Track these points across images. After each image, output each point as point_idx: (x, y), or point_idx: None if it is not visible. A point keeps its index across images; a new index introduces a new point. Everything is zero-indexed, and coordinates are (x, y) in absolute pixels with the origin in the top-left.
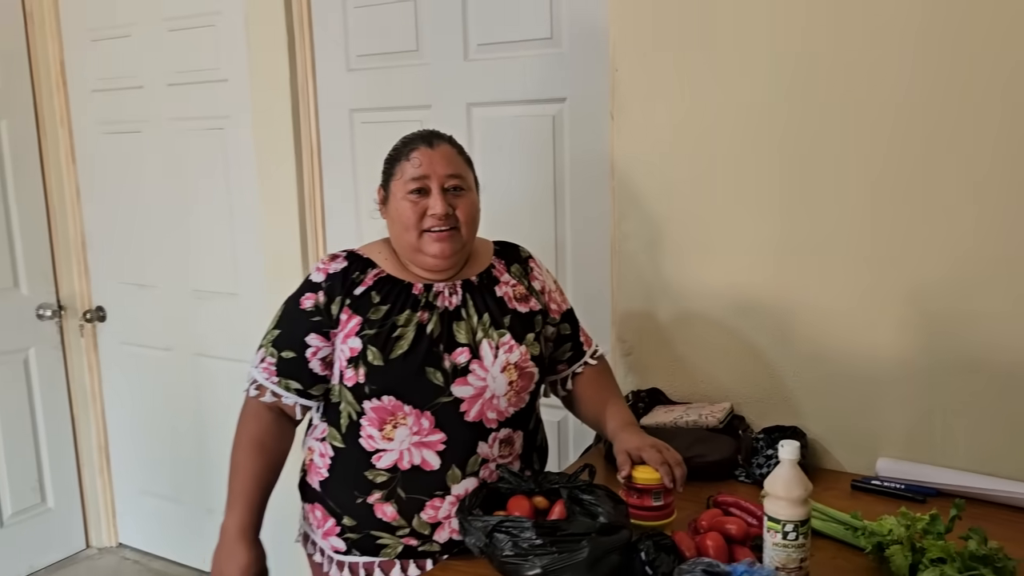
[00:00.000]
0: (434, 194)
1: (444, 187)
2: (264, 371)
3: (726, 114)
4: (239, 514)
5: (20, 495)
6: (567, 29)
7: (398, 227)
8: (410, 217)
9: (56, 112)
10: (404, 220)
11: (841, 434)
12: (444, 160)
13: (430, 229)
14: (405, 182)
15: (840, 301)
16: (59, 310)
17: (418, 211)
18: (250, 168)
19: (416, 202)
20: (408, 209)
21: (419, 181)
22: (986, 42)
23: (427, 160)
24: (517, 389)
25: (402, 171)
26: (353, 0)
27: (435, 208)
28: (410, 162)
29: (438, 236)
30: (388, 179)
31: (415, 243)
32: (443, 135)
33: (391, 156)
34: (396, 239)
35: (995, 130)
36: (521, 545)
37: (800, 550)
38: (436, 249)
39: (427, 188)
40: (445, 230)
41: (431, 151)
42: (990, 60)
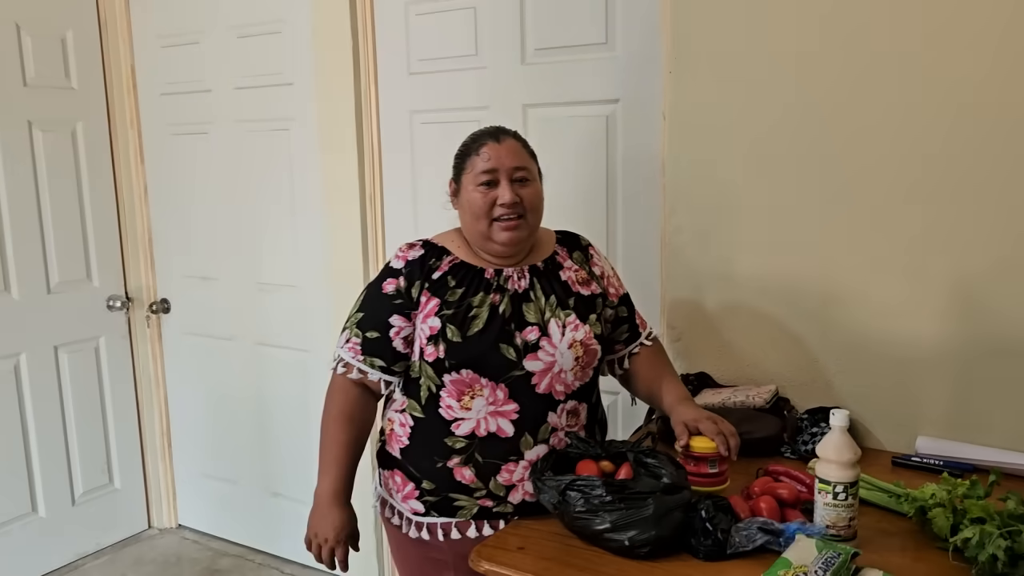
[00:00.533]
0: (502, 184)
1: (511, 178)
2: (350, 350)
3: (775, 112)
4: (332, 480)
5: (90, 475)
6: (621, 33)
7: (469, 216)
8: (481, 206)
9: (127, 114)
10: (475, 210)
11: (882, 414)
12: (510, 153)
13: (499, 217)
14: (476, 175)
15: (883, 289)
16: (127, 301)
17: (488, 201)
18: (313, 167)
19: (486, 193)
20: (479, 199)
21: (488, 174)
22: None
23: (495, 154)
24: (583, 364)
25: (472, 165)
26: (415, 7)
27: (503, 197)
28: (479, 156)
29: (506, 224)
30: (459, 173)
31: (485, 231)
32: (509, 130)
33: (461, 152)
34: (467, 228)
35: None
36: (592, 502)
37: (849, 510)
38: (504, 237)
39: (496, 180)
40: (513, 218)
41: (498, 145)
42: None
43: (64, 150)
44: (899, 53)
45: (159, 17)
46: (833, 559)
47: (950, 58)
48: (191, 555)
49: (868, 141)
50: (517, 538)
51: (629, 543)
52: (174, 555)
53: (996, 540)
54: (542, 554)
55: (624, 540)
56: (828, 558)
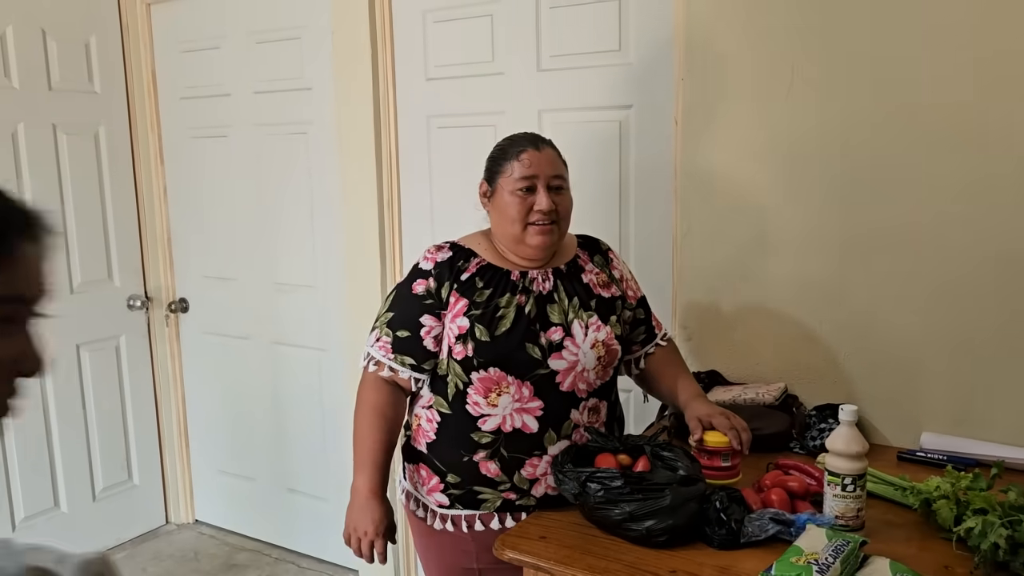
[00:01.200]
0: (540, 192)
1: (549, 186)
2: (381, 349)
3: (785, 118)
4: (368, 475)
5: (110, 471)
6: (634, 41)
7: (504, 219)
8: (518, 211)
9: (148, 118)
10: (511, 214)
11: (888, 411)
12: (549, 162)
13: (535, 223)
14: (515, 179)
15: (889, 289)
16: (147, 301)
17: (526, 206)
18: (331, 170)
19: (524, 198)
20: (517, 204)
21: (528, 180)
22: None
23: (536, 161)
24: (604, 363)
25: (511, 169)
26: (433, 15)
27: (541, 204)
28: (519, 162)
29: (541, 229)
30: (494, 175)
31: (519, 235)
32: (546, 139)
33: (498, 155)
34: (500, 230)
35: None
36: (611, 493)
37: (857, 501)
38: (538, 241)
39: (534, 186)
40: (547, 224)
41: (538, 153)
42: None
43: (87, 152)
44: (899, 58)
45: (180, 23)
46: (843, 547)
47: (956, 62)
48: (209, 550)
49: (877, 142)
50: (539, 528)
51: (647, 532)
52: (192, 550)
53: (998, 529)
54: (563, 543)
55: (642, 529)
56: (838, 546)
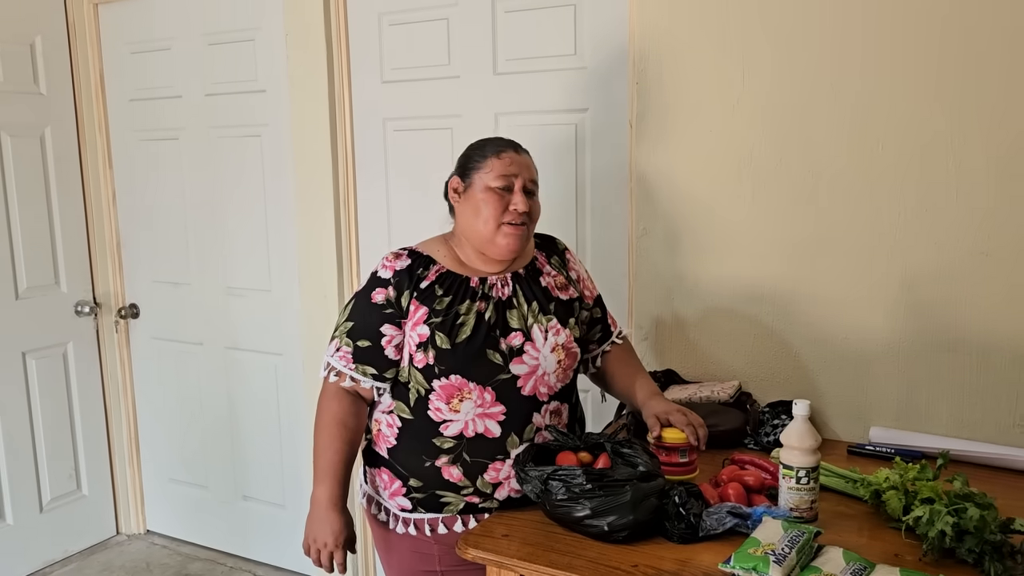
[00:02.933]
0: (518, 192)
1: (525, 188)
2: (341, 359)
3: (737, 123)
4: (328, 486)
5: (58, 482)
6: (589, 45)
7: (476, 217)
8: (493, 208)
9: (95, 120)
10: (486, 211)
11: (837, 407)
12: (528, 165)
13: (509, 222)
14: (495, 176)
15: (837, 289)
16: (95, 307)
17: (502, 204)
18: (286, 172)
19: (501, 196)
20: (494, 201)
21: (507, 179)
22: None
23: (517, 162)
24: (564, 367)
25: (491, 166)
26: (388, 18)
27: (518, 204)
28: (500, 160)
29: (513, 230)
30: (469, 171)
31: (491, 233)
32: (522, 145)
33: (476, 152)
34: (469, 228)
35: (983, 135)
36: (573, 490)
37: (811, 493)
38: (507, 242)
39: (511, 185)
40: (518, 225)
41: (518, 156)
42: (994, 66)
43: (32, 155)
44: (851, 62)
45: (129, 23)
46: (798, 537)
47: (898, 56)
48: (161, 560)
49: (825, 147)
50: (502, 526)
51: (608, 528)
52: (143, 561)
53: (944, 517)
54: (526, 540)
55: (603, 525)
56: (793, 536)
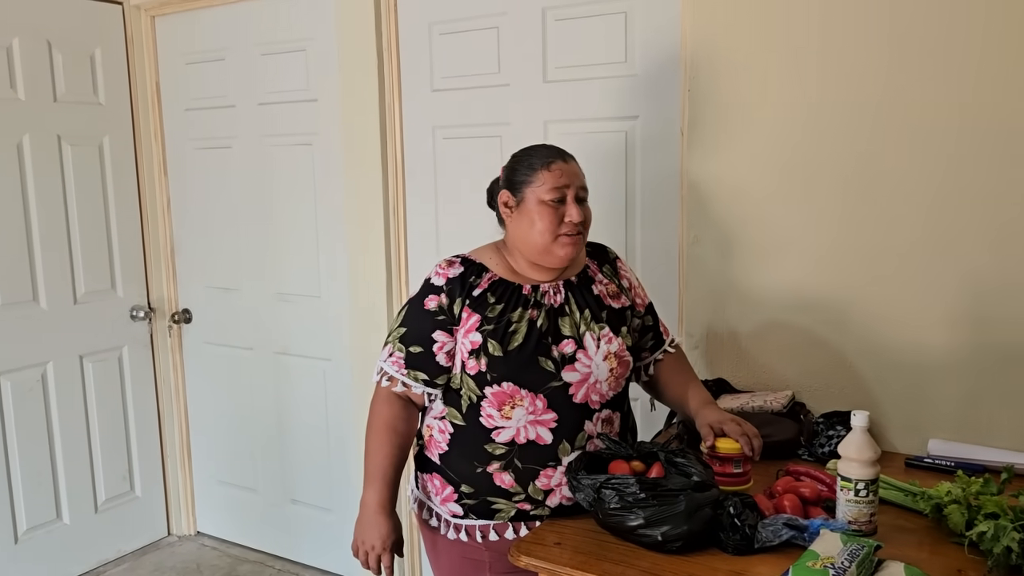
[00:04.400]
0: (571, 203)
1: (577, 197)
2: (394, 364)
3: (791, 128)
4: (378, 490)
5: (112, 483)
6: (640, 52)
7: (532, 230)
8: (549, 221)
9: (152, 129)
10: (539, 222)
11: (895, 418)
12: (577, 173)
13: (565, 233)
14: (547, 189)
15: (895, 298)
16: (150, 312)
17: (557, 216)
18: (336, 180)
19: (555, 208)
20: (549, 214)
21: (559, 191)
22: None
23: (567, 172)
24: (616, 375)
25: (543, 179)
26: (439, 27)
27: (573, 215)
28: (551, 172)
29: (571, 240)
30: (520, 185)
31: (548, 245)
32: (568, 152)
33: (523, 165)
34: (522, 238)
35: None
36: (626, 499)
37: (870, 506)
38: (566, 252)
39: (564, 196)
40: (575, 235)
41: (566, 165)
42: None
43: (91, 164)
44: (910, 67)
45: (184, 35)
46: (857, 551)
47: (958, 62)
48: (210, 562)
49: (884, 155)
50: (554, 534)
51: (662, 538)
52: (194, 562)
53: (1010, 533)
54: (579, 549)
55: (657, 535)
56: (853, 550)
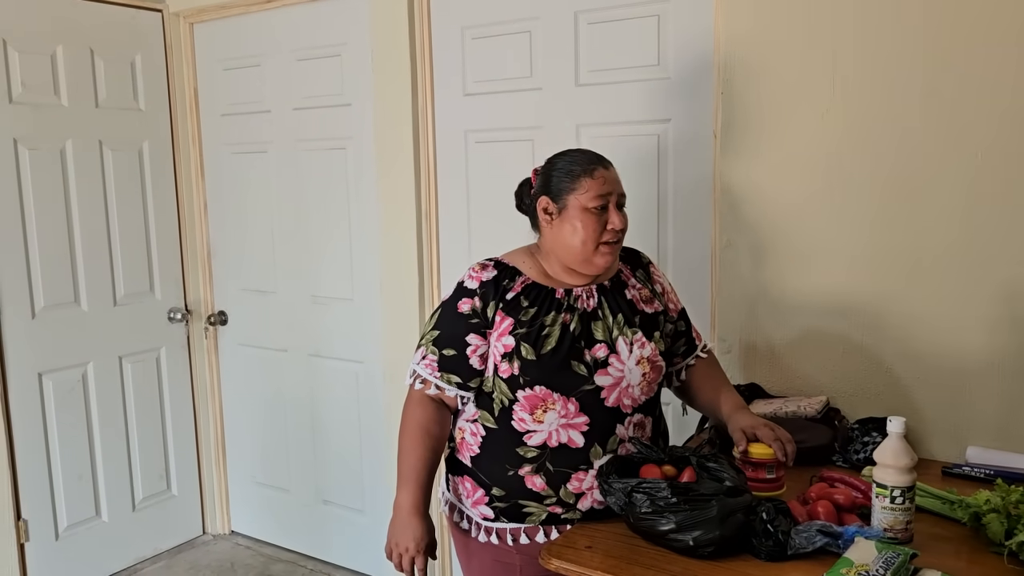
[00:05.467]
0: (613, 211)
1: (618, 203)
2: (427, 367)
3: (827, 132)
4: (411, 492)
5: (150, 481)
6: (673, 55)
7: (573, 237)
8: (592, 229)
9: (190, 134)
10: (581, 229)
11: (932, 425)
12: (617, 180)
13: (607, 242)
14: (591, 196)
15: (932, 303)
16: (186, 314)
17: (600, 223)
18: (370, 184)
19: (599, 216)
20: (592, 222)
21: (603, 198)
22: None
23: (609, 179)
24: (649, 380)
25: (587, 187)
26: (471, 31)
27: (616, 223)
28: (595, 180)
29: (610, 249)
30: (561, 192)
31: (590, 254)
32: (607, 158)
33: (565, 171)
34: (563, 246)
35: None
36: (658, 503)
37: (906, 513)
38: (606, 260)
39: (607, 204)
40: (614, 243)
41: (607, 172)
42: None
43: (131, 168)
44: (946, 69)
45: (222, 41)
46: (893, 559)
47: (996, 65)
48: (244, 561)
49: (920, 158)
50: (585, 538)
51: (694, 543)
52: (228, 561)
53: None
54: (610, 552)
55: (689, 540)
56: (888, 558)
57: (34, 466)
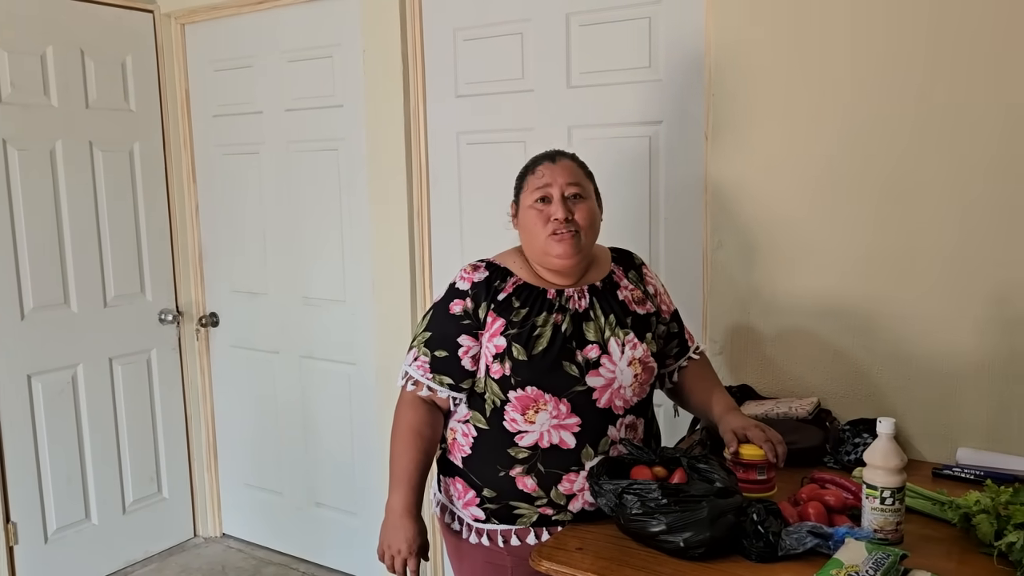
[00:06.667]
0: (555, 201)
1: (564, 194)
2: (419, 368)
3: (818, 133)
4: (403, 494)
5: (140, 484)
6: (664, 57)
7: (528, 234)
8: (536, 223)
9: (181, 135)
10: (531, 227)
11: (922, 426)
12: (564, 172)
13: (554, 232)
14: (531, 192)
15: (923, 305)
16: (178, 315)
17: (543, 217)
18: (361, 186)
19: (541, 210)
20: (534, 216)
21: (542, 190)
22: None
23: (549, 172)
24: (641, 381)
25: (528, 184)
26: (463, 33)
27: (556, 213)
28: (535, 175)
29: (560, 238)
30: (518, 193)
31: (542, 246)
32: (566, 152)
33: (520, 174)
34: (527, 245)
35: None
36: (648, 504)
37: (896, 514)
38: (559, 250)
39: (549, 196)
40: (566, 232)
41: (554, 165)
42: None
43: (121, 169)
44: (940, 65)
45: (213, 42)
46: (883, 560)
47: (991, 66)
48: (236, 563)
49: (913, 160)
50: (575, 539)
51: (684, 544)
52: (219, 563)
53: None
54: (600, 554)
55: (679, 541)
56: (878, 559)
57: (23, 469)
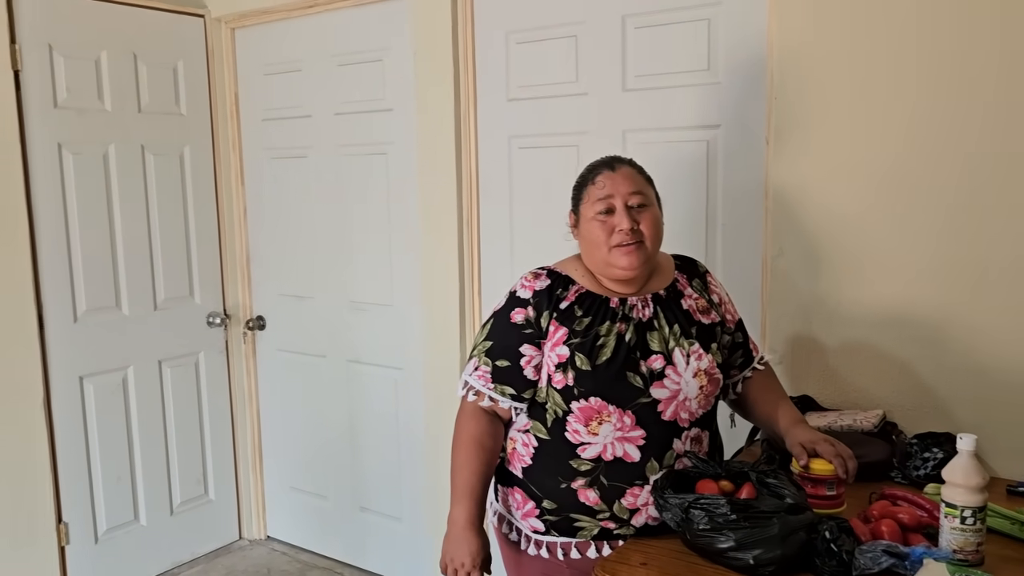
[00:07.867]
0: (619, 211)
1: (628, 204)
2: (480, 378)
3: (886, 137)
4: (466, 507)
5: (187, 486)
6: (724, 60)
7: (590, 246)
8: (600, 235)
9: (230, 139)
10: (595, 239)
11: (995, 442)
12: (626, 180)
13: (619, 244)
14: (593, 203)
15: (997, 315)
16: (225, 318)
17: (607, 229)
18: (411, 190)
19: (604, 221)
20: (598, 228)
21: (605, 201)
22: None
23: (610, 182)
24: (706, 393)
25: (589, 194)
26: (515, 36)
27: (621, 224)
28: (595, 185)
29: (626, 250)
30: (577, 204)
31: (606, 258)
32: (624, 159)
33: (578, 183)
34: (589, 256)
35: None
36: (716, 520)
37: (977, 535)
38: (625, 262)
39: (613, 207)
40: (631, 244)
41: (613, 173)
42: None
43: (172, 172)
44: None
45: (263, 47)
46: None
47: None
48: (281, 566)
49: (984, 160)
50: (639, 554)
51: (754, 562)
52: (264, 566)
53: None
54: (665, 570)
55: (749, 559)
56: None
57: (75, 469)
